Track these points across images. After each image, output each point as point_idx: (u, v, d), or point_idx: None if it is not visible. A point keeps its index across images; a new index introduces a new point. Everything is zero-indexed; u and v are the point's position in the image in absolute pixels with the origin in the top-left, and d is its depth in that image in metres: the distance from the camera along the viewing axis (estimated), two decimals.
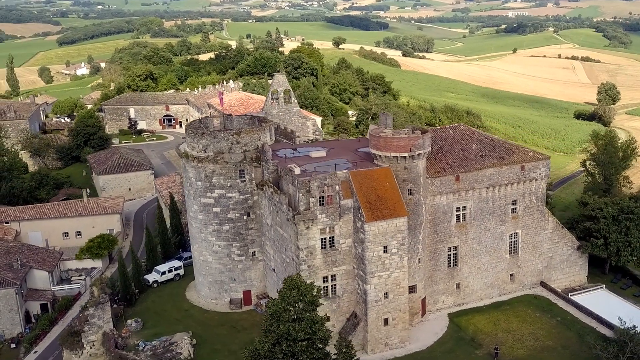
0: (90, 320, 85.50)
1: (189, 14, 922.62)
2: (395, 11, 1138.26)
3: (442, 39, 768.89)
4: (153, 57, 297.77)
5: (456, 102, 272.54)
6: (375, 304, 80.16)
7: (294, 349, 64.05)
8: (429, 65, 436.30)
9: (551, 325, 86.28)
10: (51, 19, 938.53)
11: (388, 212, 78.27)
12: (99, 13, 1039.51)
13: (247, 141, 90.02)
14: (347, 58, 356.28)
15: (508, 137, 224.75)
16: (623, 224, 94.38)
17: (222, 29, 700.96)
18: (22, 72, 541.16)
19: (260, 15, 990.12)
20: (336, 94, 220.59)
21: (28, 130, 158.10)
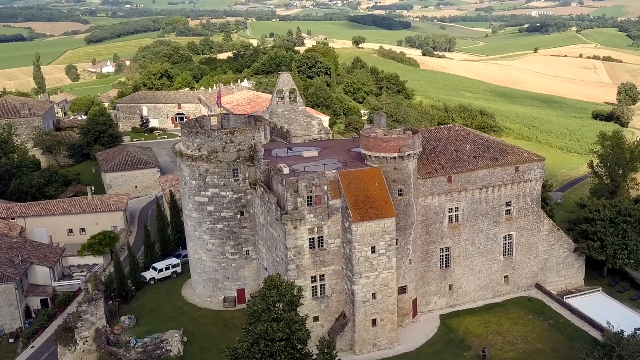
0: (83, 316, 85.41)
1: (214, 13, 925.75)
2: (419, 10, 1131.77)
3: (465, 38, 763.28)
4: (173, 55, 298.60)
5: (472, 102, 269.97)
6: (363, 304, 79.14)
7: (271, 349, 63.29)
8: (447, 64, 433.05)
9: (543, 328, 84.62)
10: (80, 18, 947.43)
11: (376, 213, 77.18)
12: (126, 12, 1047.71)
13: (241, 140, 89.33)
14: (367, 57, 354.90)
15: (522, 137, 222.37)
16: (620, 226, 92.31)
17: (246, 27, 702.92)
18: (50, 70, 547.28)
19: (284, 14, 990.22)
20: (350, 93, 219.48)
21: (40, 128, 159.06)
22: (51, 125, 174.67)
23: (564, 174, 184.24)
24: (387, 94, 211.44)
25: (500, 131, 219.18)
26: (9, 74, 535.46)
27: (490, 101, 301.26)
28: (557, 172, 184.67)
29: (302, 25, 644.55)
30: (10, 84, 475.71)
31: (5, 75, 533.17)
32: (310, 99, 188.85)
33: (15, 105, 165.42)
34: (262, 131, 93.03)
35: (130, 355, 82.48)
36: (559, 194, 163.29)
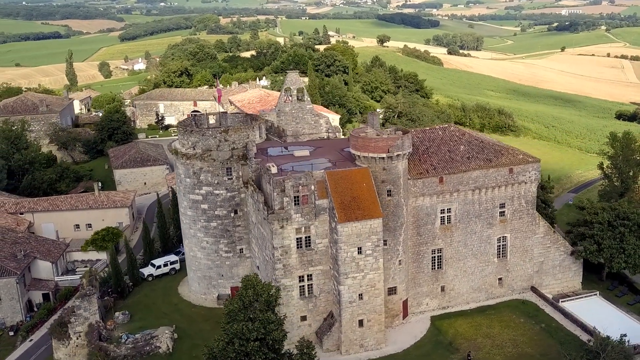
0: (77, 311, 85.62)
1: (246, 11, 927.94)
2: (448, 9, 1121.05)
3: (493, 36, 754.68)
4: (198, 53, 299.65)
5: (493, 101, 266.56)
6: (350, 304, 78.06)
7: (246, 349, 62.65)
8: (472, 63, 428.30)
9: (534, 332, 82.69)
10: (115, 16, 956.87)
11: (362, 213, 75.98)
12: (160, 10, 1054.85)
13: (235, 139, 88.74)
14: (390, 56, 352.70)
15: (540, 136, 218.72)
16: (618, 229, 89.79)
17: (276, 26, 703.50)
18: (84, 67, 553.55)
19: (314, 12, 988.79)
20: (368, 91, 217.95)
21: (57, 124, 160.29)
22: (69, 121, 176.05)
23: (579, 175, 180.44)
24: (403, 93, 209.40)
25: (518, 131, 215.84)
26: (45, 71, 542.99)
27: (512, 100, 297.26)
28: (572, 172, 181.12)
29: (331, 23, 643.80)
30: (46, 80, 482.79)
31: (41, 71, 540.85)
32: (326, 98, 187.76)
33: (34, 102, 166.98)
34: (256, 130, 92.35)
35: (120, 350, 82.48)
36: (571, 195, 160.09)
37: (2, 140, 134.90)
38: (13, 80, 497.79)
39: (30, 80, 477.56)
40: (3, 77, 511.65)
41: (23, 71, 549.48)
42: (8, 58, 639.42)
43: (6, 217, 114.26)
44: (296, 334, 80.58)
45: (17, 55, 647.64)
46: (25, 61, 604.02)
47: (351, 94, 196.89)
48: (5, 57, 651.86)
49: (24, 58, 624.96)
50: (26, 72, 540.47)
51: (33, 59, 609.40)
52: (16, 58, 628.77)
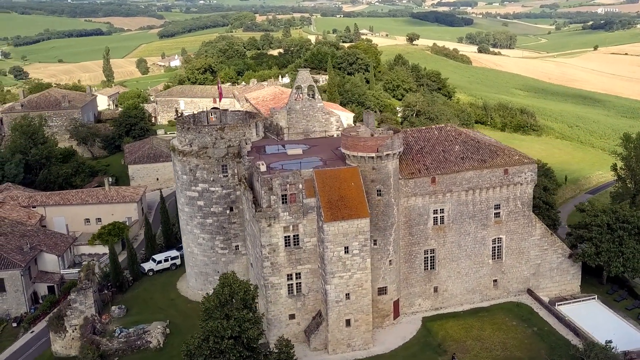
0: (72, 305, 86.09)
1: (282, 9, 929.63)
2: (483, 7, 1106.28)
3: (527, 35, 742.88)
4: (228, 50, 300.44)
5: (519, 100, 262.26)
6: (336, 304, 77.02)
7: (220, 346, 62.04)
8: (501, 61, 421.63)
9: (525, 335, 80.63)
10: (156, 13, 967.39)
11: (349, 213, 74.84)
12: (199, 8, 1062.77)
13: (231, 137, 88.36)
14: (419, 54, 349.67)
15: (563, 136, 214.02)
16: (617, 233, 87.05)
17: (310, 23, 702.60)
18: (123, 63, 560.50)
19: (349, 10, 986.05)
20: (389, 90, 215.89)
21: (77, 120, 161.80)
22: (92, 117, 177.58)
23: (599, 176, 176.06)
24: (424, 92, 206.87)
25: (540, 130, 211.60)
26: (85, 67, 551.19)
27: (540, 99, 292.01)
28: (592, 173, 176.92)
29: (365, 21, 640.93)
30: (85, 77, 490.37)
31: (82, 67, 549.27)
32: (345, 96, 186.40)
33: (57, 98, 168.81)
34: (253, 128, 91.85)
35: (112, 344, 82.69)
36: (588, 196, 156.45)
37: (20, 135, 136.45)
38: (55, 75, 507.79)
39: (71, 76, 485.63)
40: (46, 73, 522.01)
41: (65, 67, 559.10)
42: (52, 54, 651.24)
43: (18, 210, 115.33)
44: (285, 332, 79.88)
45: (60, 52, 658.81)
46: (67, 57, 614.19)
47: (371, 92, 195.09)
48: (49, 53, 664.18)
49: (67, 54, 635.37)
50: (68, 68, 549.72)
51: (75, 55, 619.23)
52: (59, 54, 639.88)
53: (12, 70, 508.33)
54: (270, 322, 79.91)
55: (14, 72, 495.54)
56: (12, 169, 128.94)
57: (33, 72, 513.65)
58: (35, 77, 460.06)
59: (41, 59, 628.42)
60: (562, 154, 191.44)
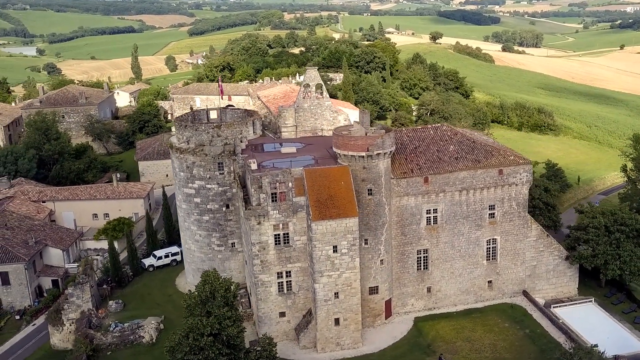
0: (70, 299, 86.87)
1: (311, 7, 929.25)
2: (511, 5, 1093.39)
3: (554, 34, 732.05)
4: (250, 48, 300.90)
5: (539, 100, 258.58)
6: (325, 303, 76.54)
7: (200, 343, 61.93)
8: (525, 60, 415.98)
9: (516, 338, 79.34)
10: (187, 11, 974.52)
11: (337, 212, 74.23)
12: (230, 5, 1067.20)
13: (227, 134, 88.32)
14: (442, 53, 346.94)
15: (581, 136, 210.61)
16: (614, 235, 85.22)
17: (337, 22, 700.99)
18: (153, 60, 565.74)
19: (377, 8, 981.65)
20: (406, 88, 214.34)
21: (93, 116, 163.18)
22: (109, 114, 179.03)
23: (615, 177, 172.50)
24: (439, 90, 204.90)
25: (557, 130, 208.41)
26: (116, 64, 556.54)
27: (562, 98, 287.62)
28: (608, 174, 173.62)
29: (392, 20, 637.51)
30: (116, 73, 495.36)
31: (113, 64, 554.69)
32: (360, 94, 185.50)
33: (75, 95, 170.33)
34: (250, 126, 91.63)
35: (106, 339, 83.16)
36: (600, 197, 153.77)
37: (34, 131, 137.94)
38: (87, 72, 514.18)
39: (102, 73, 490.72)
40: (78, 69, 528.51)
41: (97, 64, 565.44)
42: (85, 51, 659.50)
43: (28, 205, 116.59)
44: (275, 330, 79.98)
45: (93, 49, 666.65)
46: (100, 54, 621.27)
47: (387, 91, 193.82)
48: (82, 50, 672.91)
49: (99, 51, 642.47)
50: (99, 65, 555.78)
51: (107, 52, 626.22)
52: (92, 51, 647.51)
53: (46, 67, 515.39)
54: (260, 320, 79.84)
55: (47, 69, 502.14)
56: (25, 164, 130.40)
57: (66, 69, 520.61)
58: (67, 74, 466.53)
59: (74, 56, 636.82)
60: (578, 154, 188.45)
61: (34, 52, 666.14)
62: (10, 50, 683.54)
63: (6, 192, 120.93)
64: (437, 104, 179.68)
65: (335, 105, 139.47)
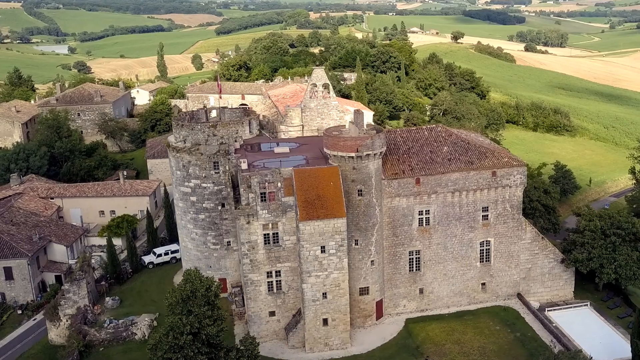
0: (66, 295, 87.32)
1: (337, 6, 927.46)
2: (537, 5, 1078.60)
3: (579, 33, 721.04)
4: (271, 47, 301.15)
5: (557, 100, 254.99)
6: (313, 303, 76.12)
7: (179, 342, 61.75)
8: (546, 60, 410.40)
9: (506, 341, 78.12)
10: (215, 10, 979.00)
11: (324, 212, 73.69)
12: (257, 5, 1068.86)
13: (223, 134, 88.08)
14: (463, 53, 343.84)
15: (597, 137, 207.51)
16: (610, 238, 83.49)
17: (362, 21, 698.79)
18: (180, 59, 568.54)
19: (403, 8, 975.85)
20: (422, 88, 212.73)
21: (106, 114, 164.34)
22: (124, 112, 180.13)
23: (628, 179, 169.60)
24: (452, 90, 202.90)
25: (574, 131, 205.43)
26: (144, 62, 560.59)
27: (582, 99, 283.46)
28: (622, 176, 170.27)
29: (417, 19, 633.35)
30: (144, 71, 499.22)
31: (141, 63, 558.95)
32: (373, 94, 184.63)
33: (90, 93, 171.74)
34: (246, 126, 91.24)
35: (100, 335, 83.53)
36: (612, 199, 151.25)
37: (46, 129, 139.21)
38: (115, 70, 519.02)
39: (130, 71, 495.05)
40: (107, 67, 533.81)
41: (125, 62, 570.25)
42: (114, 50, 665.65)
43: (37, 201, 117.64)
44: (265, 329, 79.83)
45: (122, 47, 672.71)
46: (129, 53, 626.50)
47: (401, 91, 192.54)
48: (112, 48, 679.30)
49: (128, 50, 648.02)
50: (128, 63, 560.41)
51: (136, 51, 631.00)
52: (121, 50, 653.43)
53: (76, 65, 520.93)
54: (250, 319, 79.62)
55: (77, 67, 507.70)
56: (36, 161, 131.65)
57: (96, 67, 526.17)
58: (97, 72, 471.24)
59: (104, 54, 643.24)
60: (593, 156, 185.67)
61: (65, 50, 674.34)
62: (43, 48, 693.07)
63: (16, 188, 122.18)
64: (449, 104, 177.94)
65: (342, 105, 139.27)
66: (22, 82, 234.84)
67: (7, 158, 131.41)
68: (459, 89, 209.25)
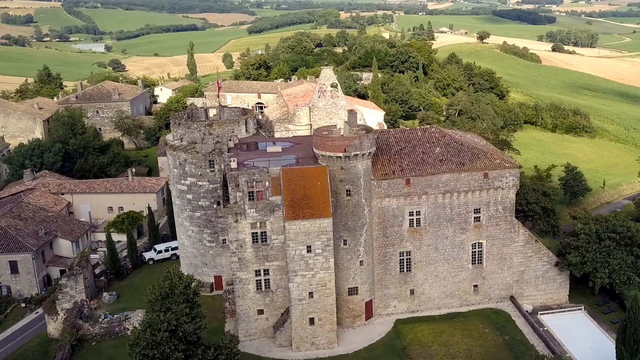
0: (64, 289, 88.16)
1: (368, 6, 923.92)
2: (568, 5, 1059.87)
3: (610, 33, 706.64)
4: (296, 46, 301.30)
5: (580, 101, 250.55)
6: (299, 302, 75.64)
7: (157, 338, 61.85)
8: (573, 61, 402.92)
9: (494, 344, 76.73)
10: (248, 10, 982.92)
11: (310, 212, 73.14)
12: (290, 5, 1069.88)
13: (219, 132, 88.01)
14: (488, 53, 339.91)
15: (617, 139, 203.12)
16: (605, 242, 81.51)
17: (392, 21, 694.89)
18: (211, 58, 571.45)
19: (433, 8, 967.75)
20: (440, 88, 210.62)
21: (123, 112, 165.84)
22: (142, 110, 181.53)
23: None
24: (468, 90, 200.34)
25: (593, 132, 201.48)
26: (176, 61, 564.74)
27: (607, 100, 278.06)
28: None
29: (446, 19, 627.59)
30: (175, 70, 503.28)
31: (173, 61, 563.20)
32: (389, 94, 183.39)
33: (109, 90, 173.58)
34: (242, 125, 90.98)
35: (94, 329, 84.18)
36: (625, 202, 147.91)
37: (61, 126, 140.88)
38: (148, 68, 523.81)
39: (162, 69, 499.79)
40: (141, 66, 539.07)
41: (158, 60, 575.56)
42: (149, 48, 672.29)
43: (47, 196, 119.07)
44: (253, 327, 79.66)
45: (157, 46, 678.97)
46: (162, 51, 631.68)
47: (417, 91, 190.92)
48: (146, 47, 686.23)
49: (162, 48, 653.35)
50: (161, 62, 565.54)
51: (169, 50, 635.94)
52: (155, 48, 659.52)
53: (111, 63, 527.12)
54: (239, 316, 79.42)
55: (112, 65, 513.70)
56: (50, 157, 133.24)
57: (130, 65, 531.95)
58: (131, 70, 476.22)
59: (139, 53, 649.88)
60: (611, 157, 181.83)
61: (102, 48, 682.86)
62: (81, 46, 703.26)
63: (29, 184, 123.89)
64: (465, 104, 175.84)
65: (353, 104, 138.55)
66: (51, 80, 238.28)
67: (23, 154, 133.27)
68: (477, 89, 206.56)
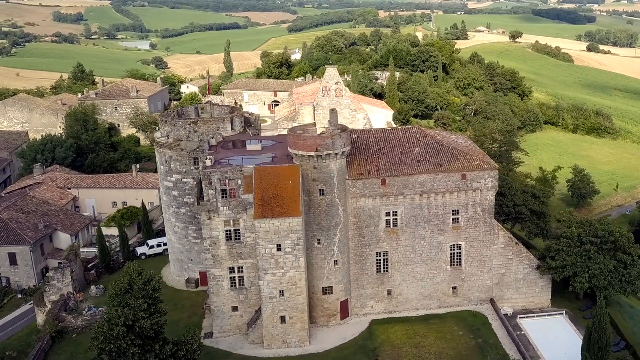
0: (51, 282, 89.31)
1: (407, 5, 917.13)
2: (610, 4, 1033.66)
3: None
4: (325, 45, 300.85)
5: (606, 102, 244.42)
6: (270, 300, 75.17)
7: (114, 333, 62.08)
8: (606, 61, 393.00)
9: (466, 347, 75.07)
10: (290, 9, 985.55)
11: (280, 211, 72.58)
12: (331, 3, 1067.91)
13: (204, 130, 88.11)
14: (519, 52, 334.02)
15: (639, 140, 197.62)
16: (585, 246, 79.03)
17: (430, 20, 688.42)
18: (251, 56, 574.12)
19: (473, 7, 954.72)
20: (460, 88, 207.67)
21: (139, 109, 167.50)
22: (160, 107, 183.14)
23: None
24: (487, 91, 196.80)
25: (616, 133, 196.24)
26: (216, 58, 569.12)
27: (637, 100, 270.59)
28: None
29: (485, 18, 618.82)
30: (215, 67, 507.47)
31: (214, 59, 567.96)
32: (406, 93, 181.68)
33: (127, 87, 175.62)
34: (228, 123, 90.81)
35: (76, 322, 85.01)
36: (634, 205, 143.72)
37: (74, 122, 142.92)
38: (189, 66, 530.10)
39: (203, 67, 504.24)
40: (183, 63, 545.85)
41: (199, 58, 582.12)
42: (191, 46, 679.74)
43: (53, 190, 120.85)
44: (228, 323, 79.58)
45: (199, 44, 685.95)
46: (205, 49, 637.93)
47: (435, 90, 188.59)
48: (189, 45, 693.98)
49: (205, 46, 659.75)
50: (202, 59, 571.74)
51: (211, 47, 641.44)
52: (198, 46, 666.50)
53: (154, 60, 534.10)
54: (213, 313, 79.36)
55: (155, 62, 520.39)
56: (61, 152, 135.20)
57: (172, 63, 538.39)
58: (173, 67, 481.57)
59: (182, 50, 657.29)
60: (632, 159, 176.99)
61: (147, 46, 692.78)
62: (127, 44, 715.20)
63: (38, 178, 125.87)
64: (481, 104, 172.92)
65: (358, 103, 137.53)
66: (85, 76, 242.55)
67: (35, 149, 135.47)
68: (498, 89, 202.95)
